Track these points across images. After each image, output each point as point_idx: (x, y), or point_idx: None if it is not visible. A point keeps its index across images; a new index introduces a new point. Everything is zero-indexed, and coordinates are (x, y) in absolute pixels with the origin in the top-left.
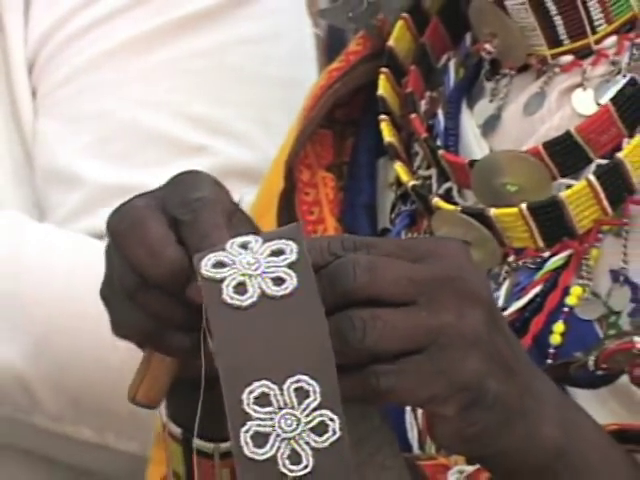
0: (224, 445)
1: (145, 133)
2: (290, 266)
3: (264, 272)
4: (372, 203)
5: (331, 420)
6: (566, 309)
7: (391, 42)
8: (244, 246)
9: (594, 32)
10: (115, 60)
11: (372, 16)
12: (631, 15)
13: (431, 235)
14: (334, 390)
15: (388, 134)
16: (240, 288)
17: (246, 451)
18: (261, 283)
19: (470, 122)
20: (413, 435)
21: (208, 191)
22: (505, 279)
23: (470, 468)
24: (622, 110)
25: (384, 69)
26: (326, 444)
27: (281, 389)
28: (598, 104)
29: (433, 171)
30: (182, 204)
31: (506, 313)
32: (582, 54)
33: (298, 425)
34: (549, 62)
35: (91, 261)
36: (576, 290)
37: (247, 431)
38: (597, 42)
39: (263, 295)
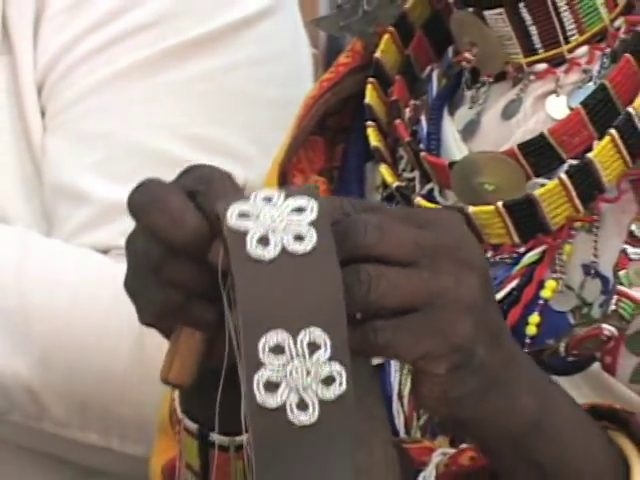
0: (239, 438)
1: (147, 153)
2: (310, 224)
3: (286, 228)
4: None
5: (339, 373)
6: (541, 301)
7: (378, 54)
8: (267, 199)
9: (567, 42)
10: (120, 83)
11: (369, 24)
12: (602, 26)
13: None
14: (344, 344)
15: (375, 139)
16: (263, 241)
17: (258, 398)
18: (283, 239)
19: (451, 127)
20: (400, 422)
21: (217, 170)
22: None
23: (452, 450)
24: (592, 114)
25: (371, 79)
26: (333, 396)
27: (295, 340)
28: (570, 109)
29: (416, 173)
30: (196, 179)
31: None
32: (556, 62)
33: (308, 376)
34: (525, 70)
35: (95, 275)
36: (550, 283)
37: (259, 379)
38: (570, 51)
39: (284, 250)
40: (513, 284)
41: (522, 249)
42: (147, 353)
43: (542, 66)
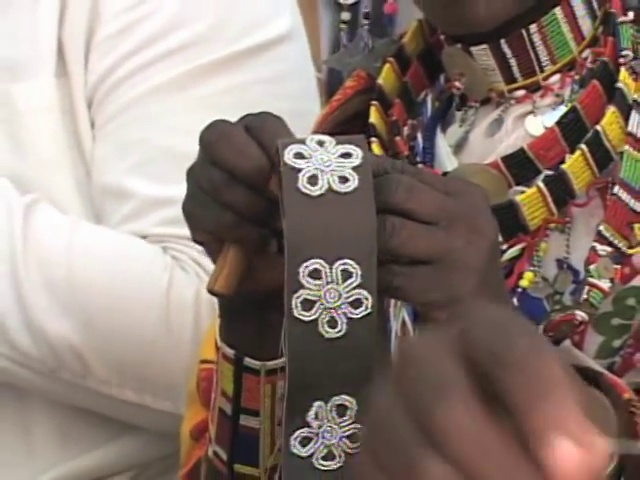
0: (270, 363)
1: (179, 156)
2: (354, 168)
3: (333, 170)
4: None
5: (366, 298)
6: (520, 290)
7: (380, 80)
8: (320, 143)
9: (542, 71)
10: (157, 96)
11: (375, 60)
12: (571, 57)
13: None
14: (372, 275)
15: (379, 152)
16: (312, 179)
17: (295, 313)
18: (329, 179)
19: (443, 143)
20: None
21: (271, 114)
22: None
23: None
24: (565, 131)
25: (374, 102)
26: (359, 316)
27: (331, 268)
28: (545, 127)
29: None
30: (255, 119)
31: None
32: (532, 89)
33: (339, 298)
34: (506, 95)
35: (132, 254)
36: (528, 275)
37: (298, 297)
38: (544, 79)
39: (330, 189)
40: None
41: (504, 246)
42: (171, 324)
43: (521, 92)
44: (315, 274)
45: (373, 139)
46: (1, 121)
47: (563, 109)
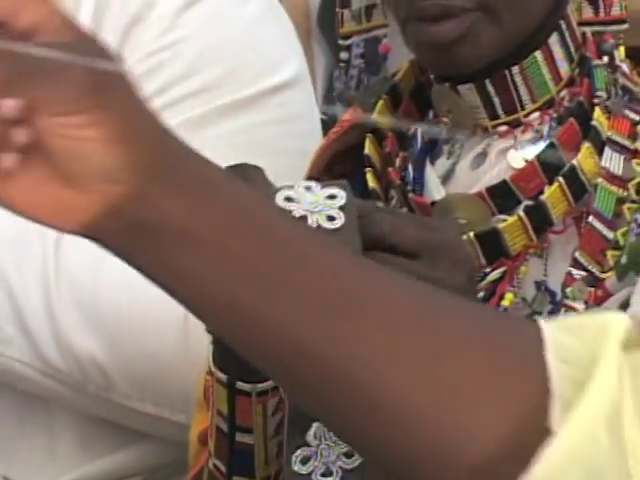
0: (260, 385)
1: None
2: (340, 208)
3: (321, 210)
4: None
5: None
6: (501, 309)
7: (375, 115)
8: (307, 188)
9: (523, 109)
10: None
11: (370, 97)
12: (550, 96)
13: None
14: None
15: (372, 182)
16: (303, 219)
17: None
18: (318, 218)
19: (432, 174)
20: None
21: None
22: None
23: None
24: (544, 165)
25: (369, 135)
26: None
27: None
28: (526, 161)
29: (404, 210)
30: (235, 170)
31: None
32: (514, 125)
33: None
34: (490, 131)
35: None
36: (509, 296)
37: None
38: (525, 116)
39: (319, 227)
40: (480, 296)
41: (488, 269)
42: (189, 344)
43: (503, 128)
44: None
45: (368, 169)
46: None
47: (542, 144)
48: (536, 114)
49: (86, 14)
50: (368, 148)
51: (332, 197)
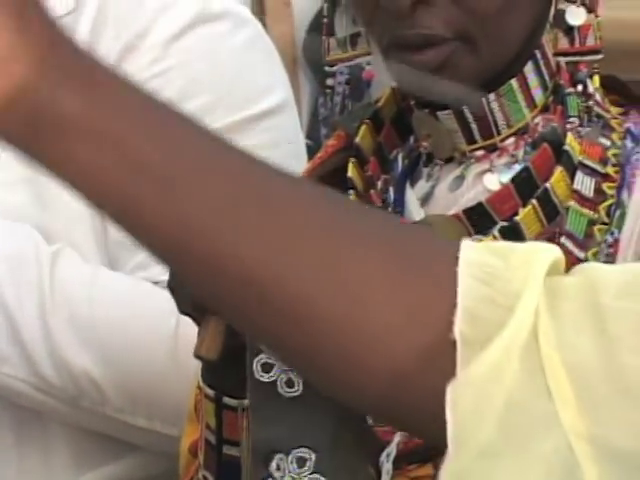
0: (246, 401)
1: None
2: None
3: None
4: None
5: None
6: None
7: (357, 139)
8: None
9: (499, 134)
10: None
11: (353, 121)
12: (525, 123)
13: None
14: None
15: None
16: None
17: (256, 374)
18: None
19: (412, 196)
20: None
21: None
22: None
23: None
24: (518, 188)
25: (352, 159)
26: None
27: None
28: (501, 183)
29: None
30: None
31: None
32: (490, 149)
33: None
34: (467, 155)
35: (143, 297)
36: None
37: (259, 360)
38: (501, 141)
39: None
40: None
41: None
42: (179, 360)
43: (480, 152)
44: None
45: (351, 192)
46: (28, 180)
47: (517, 168)
48: (511, 139)
49: (80, 39)
50: (351, 171)
51: None
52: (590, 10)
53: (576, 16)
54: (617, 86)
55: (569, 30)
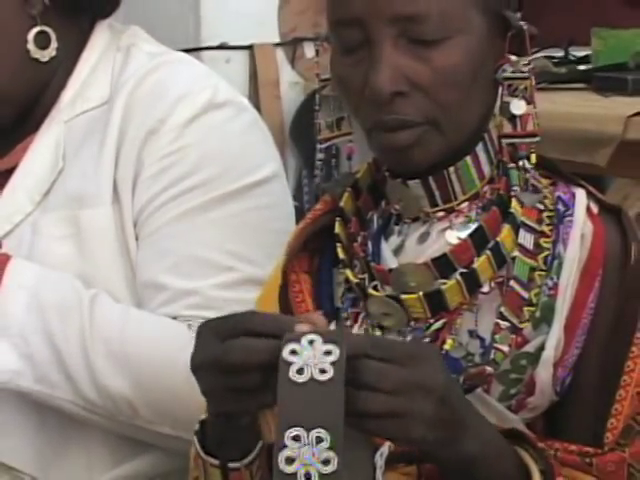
0: (246, 460)
1: (200, 260)
2: (332, 364)
3: (316, 364)
4: (331, 293)
5: (333, 458)
6: (444, 352)
7: (342, 203)
8: (311, 342)
9: (456, 199)
10: (184, 219)
11: (338, 187)
12: (476, 190)
13: (367, 313)
14: (339, 441)
15: (342, 254)
16: (300, 371)
17: (280, 467)
18: (312, 371)
19: (387, 249)
20: None
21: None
22: (408, 335)
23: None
24: (474, 242)
25: (338, 218)
26: (328, 472)
27: (308, 434)
28: (460, 239)
29: (366, 275)
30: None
31: None
32: (449, 211)
33: (313, 457)
34: (431, 216)
35: (167, 329)
36: (449, 341)
37: (283, 455)
38: (458, 205)
39: (311, 378)
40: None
41: (432, 320)
42: (193, 382)
43: (441, 213)
44: (296, 438)
45: (338, 244)
46: (72, 235)
47: (472, 226)
48: (466, 203)
49: (114, 126)
50: (338, 228)
51: (328, 353)
52: (529, 102)
53: (518, 107)
54: (545, 163)
55: (512, 118)
